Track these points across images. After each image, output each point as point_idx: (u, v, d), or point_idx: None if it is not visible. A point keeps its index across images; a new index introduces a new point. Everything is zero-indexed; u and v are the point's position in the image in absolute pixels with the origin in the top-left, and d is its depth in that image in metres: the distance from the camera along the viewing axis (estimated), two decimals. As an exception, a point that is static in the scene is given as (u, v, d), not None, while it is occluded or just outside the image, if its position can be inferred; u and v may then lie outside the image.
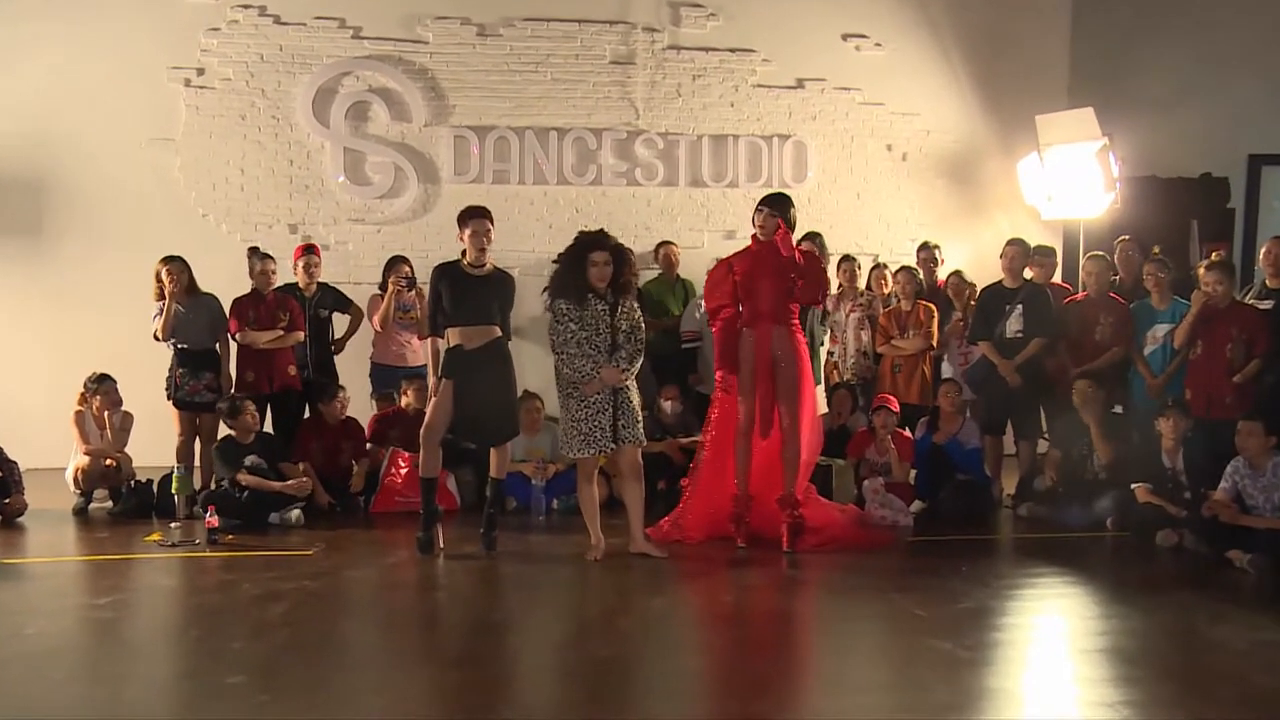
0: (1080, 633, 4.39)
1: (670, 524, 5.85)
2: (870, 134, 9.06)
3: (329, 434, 6.87)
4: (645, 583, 5.13)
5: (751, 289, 5.57)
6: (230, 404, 6.54)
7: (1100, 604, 4.78)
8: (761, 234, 5.59)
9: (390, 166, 8.60)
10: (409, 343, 7.28)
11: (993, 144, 9.12)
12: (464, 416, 5.39)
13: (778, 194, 5.77)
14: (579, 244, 5.37)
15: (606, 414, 5.33)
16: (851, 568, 5.33)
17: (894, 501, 6.39)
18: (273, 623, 4.35)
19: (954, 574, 5.12)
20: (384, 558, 5.62)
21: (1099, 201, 8.19)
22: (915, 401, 7.21)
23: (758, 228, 5.59)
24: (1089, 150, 8.09)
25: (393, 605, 4.87)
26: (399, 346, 7.28)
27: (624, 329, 5.37)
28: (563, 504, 6.80)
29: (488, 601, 4.89)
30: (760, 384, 5.59)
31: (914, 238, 8.64)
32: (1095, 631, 4.35)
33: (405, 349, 7.28)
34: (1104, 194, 8.13)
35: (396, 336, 7.27)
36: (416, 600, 4.95)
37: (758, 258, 5.62)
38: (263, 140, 8.47)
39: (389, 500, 6.72)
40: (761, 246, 5.62)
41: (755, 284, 5.56)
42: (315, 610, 4.59)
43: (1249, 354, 6.08)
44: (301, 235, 8.38)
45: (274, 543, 5.83)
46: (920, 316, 7.30)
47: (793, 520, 5.54)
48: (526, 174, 8.69)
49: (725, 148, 8.89)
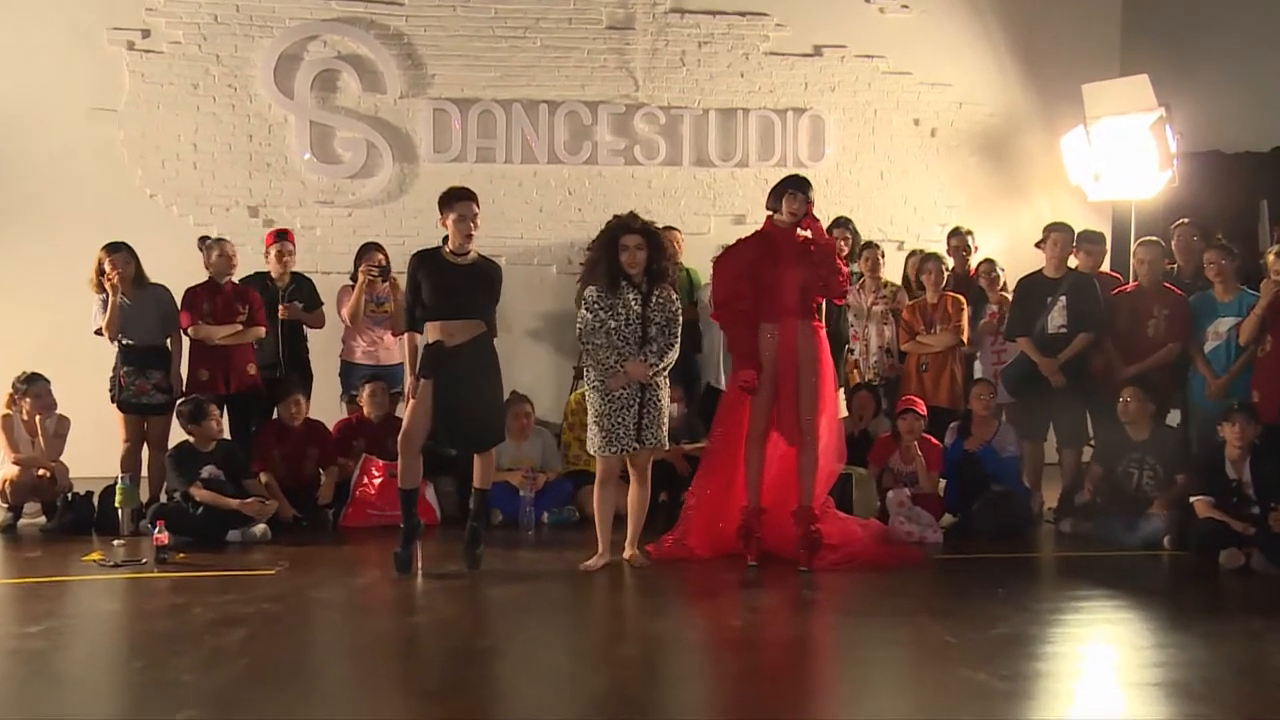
0: (1133, 664, 4.35)
1: (673, 540, 5.85)
2: (895, 107, 9.05)
3: (292, 440, 6.85)
4: (646, 605, 5.13)
5: (771, 279, 5.56)
6: (193, 406, 6.46)
7: (1156, 631, 4.74)
8: (789, 219, 5.59)
9: (362, 143, 8.58)
10: (381, 339, 7.27)
11: (1033, 117, 9.10)
12: (445, 420, 5.37)
13: (804, 178, 5.76)
14: (610, 227, 5.55)
15: (632, 411, 5.44)
16: (873, 589, 5.32)
17: (921, 515, 6.38)
18: (229, 651, 4.31)
19: (989, 596, 5.11)
20: (355, 577, 5.61)
21: (1154, 180, 8.16)
22: (944, 404, 7.20)
23: (788, 212, 5.58)
24: (1143, 123, 8.06)
25: (365, 631, 4.84)
26: (370, 343, 7.27)
27: (657, 320, 5.49)
28: (554, 517, 6.81)
29: (471, 626, 4.87)
30: (784, 385, 5.59)
31: (944, 222, 8.64)
32: (1150, 663, 4.30)
33: (378, 346, 7.27)
34: (1159, 172, 8.10)
35: (368, 332, 7.25)
36: (392, 625, 4.92)
37: (775, 244, 5.61)
38: (218, 112, 8.45)
39: (361, 513, 6.71)
40: (780, 232, 5.61)
41: (776, 274, 5.56)
42: (277, 637, 4.56)
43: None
44: (263, 219, 8.37)
45: (231, 561, 5.81)
46: (949, 309, 7.28)
47: (809, 536, 5.54)
48: (514, 152, 8.68)
49: (734, 123, 8.88)
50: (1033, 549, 6.37)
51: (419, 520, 5.60)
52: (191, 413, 6.43)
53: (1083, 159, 8.51)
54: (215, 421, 6.48)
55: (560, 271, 8.72)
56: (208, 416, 6.43)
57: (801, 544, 5.53)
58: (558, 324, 8.48)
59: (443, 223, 5.46)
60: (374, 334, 7.28)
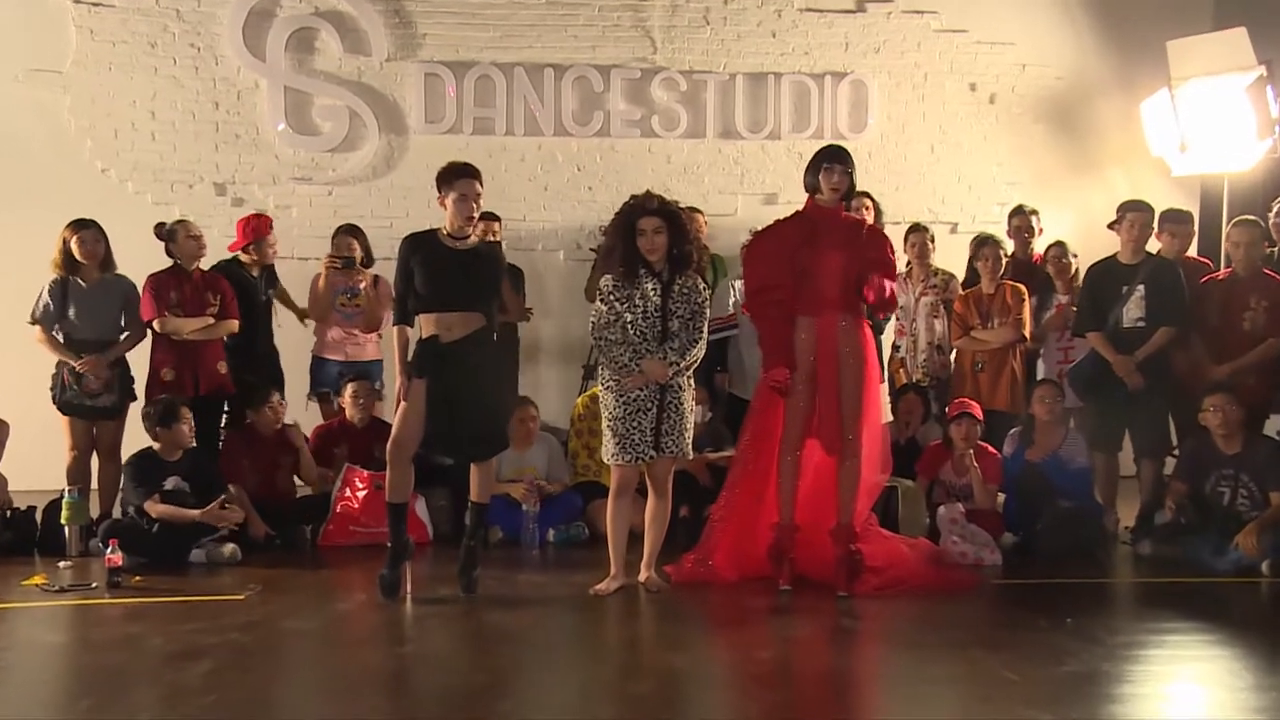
0: (1228, 706, 4.29)
1: (695, 560, 5.85)
2: (949, 70, 9.03)
3: (263, 448, 6.86)
4: (664, 634, 5.12)
5: (810, 267, 5.56)
6: (164, 407, 6.42)
7: (1253, 671, 4.67)
8: (830, 197, 5.58)
9: (343, 112, 8.59)
10: (353, 333, 7.30)
11: (1108, 79, 9.07)
12: (439, 425, 5.37)
13: (846, 149, 5.75)
14: (625, 210, 5.58)
15: (649, 415, 5.47)
16: (923, 618, 5.29)
17: (977, 534, 6.36)
18: (192, 688, 4.29)
19: (1055, 628, 5.07)
20: (336, 603, 5.60)
21: (1250, 151, 8.11)
22: (1003, 408, 7.19)
23: (828, 189, 5.57)
24: (1238, 83, 8.00)
25: (346, 664, 4.83)
26: (341, 338, 7.30)
27: (680, 314, 5.52)
28: (560, 535, 6.82)
29: (467, 659, 4.85)
30: (823, 388, 5.58)
31: (1003, 201, 8.64)
32: (1250, 708, 4.23)
33: (348, 341, 7.31)
34: (1257, 141, 8.05)
35: (339, 326, 7.29)
36: (377, 658, 4.91)
37: (816, 227, 5.60)
38: (179, 76, 8.47)
39: (343, 531, 6.72)
40: (822, 213, 5.61)
41: (815, 260, 5.55)
42: (247, 672, 4.55)
43: None
44: (231, 197, 8.40)
45: (194, 585, 5.81)
46: (1008, 300, 7.27)
47: (848, 557, 5.53)
48: (515, 123, 8.69)
49: (764, 89, 8.88)
50: (1106, 574, 6.34)
51: (408, 539, 5.59)
52: (162, 415, 6.39)
53: (1166, 127, 8.48)
54: (188, 426, 6.47)
55: (568, 258, 8.72)
56: (180, 420, 6.40)
57: (840, 566, 5.52)
58: (565, 316, 8.49)
59: (441, 202, 5.47)
60: (348, 327, 7.30)
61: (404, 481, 5.45)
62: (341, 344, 7.32)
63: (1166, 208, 7.20)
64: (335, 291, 7.25)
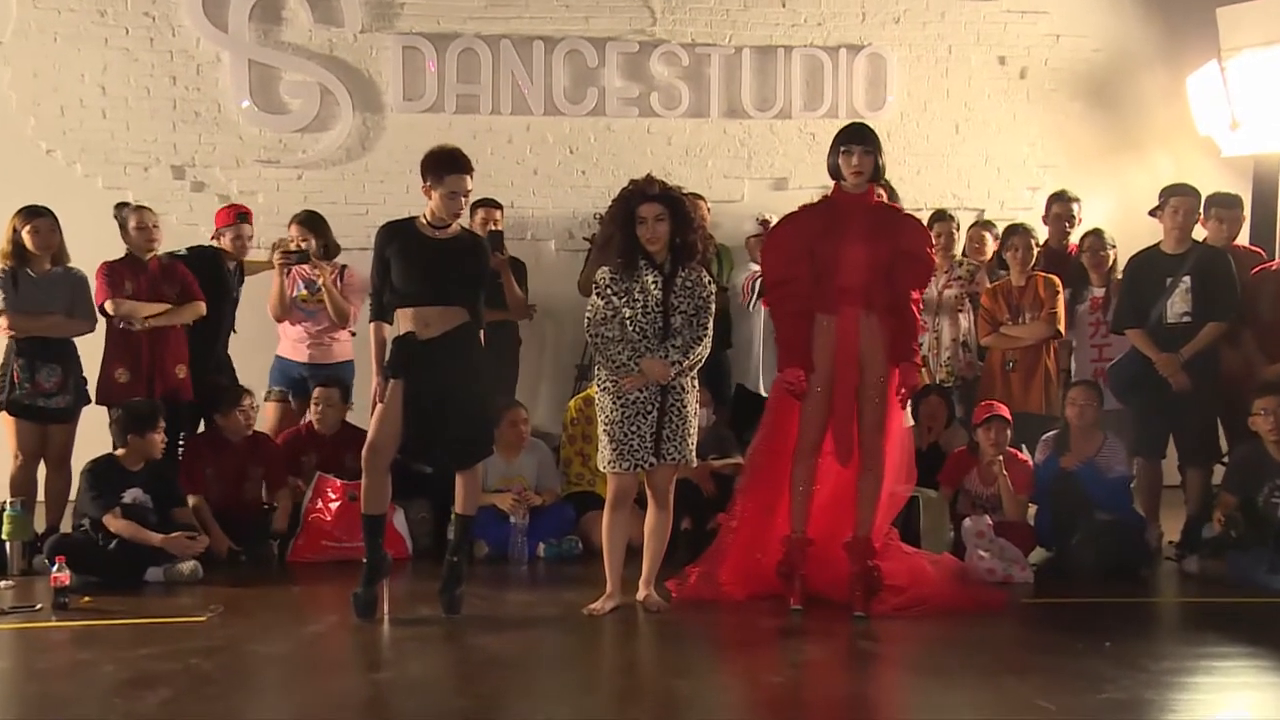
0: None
1: (700, 576, 5.86)
2: (976, 41, 9.03)
3: (230, 456, 6.85)
4: (665, 657, 5.13)
5: (829, 258, 5.55)
6: (140, 411, 6.39)
7: (1315, 700, 4.71)
8: (853, 181, 5.58)
9: (314, 88, 8.57)
10: (318, 333, 7.28)
11: (1151, 51, 9.07)
12: (419, 430, 5.38)
13: (867, 126, 5.75)
14: (624, 196, 5.59)
15: (649, 419, 5.48)
16: (947, 640, 5.29)
17: (1006, 549, 6.36)
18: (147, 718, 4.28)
19: (1093, 652, 5.07)
20: (306, 624, 5.61)
21: (1309, 129, 8.14)
22: (1036, 410, 7.19)
23: (849, 173, 5.57)
24: (1296, 54, 8.03)
25: (318, 692, 4.81)
26: (302, 337, 7.28)
27: (683, 309, 5.54)
28: (551, 550, 6.83)
29: (449, 685, 4.84)
30: (840, 392, 5.57)
31: (1034, 185, 8.66)
32: (1305, 739, 4.27)
33: (311, 342, 7.28)
34: (1316, 118, 8.09)
35: (302, 325, 7.27)
36: (351, 684, 4.90)
37: (839, 214, 5.60)
38: (132, 47, 8.44)
39: (314, 545, 6.72)
40: (847, 199, 5.61)
41: (835, 251, 5.55)
42: (209, 701, 4.53)
43: None
44: (190, 181, 8.39)
45: (151, 606, 5.78)
46: (1040, 293, 7.26)
47: (865, 573, 5.52)
48: (502, 100, 8.68)
49: (774, 64, 8.87)
50: (1148, 592, 6.35)
51: (386, 554, 5.61)
52: (137, 420, 6.37)
53: (1215, 103, 8.51)
54: (160, 435, 6.45)
55: (560, 249, 8.71)
56: (155, 428, 6.39)
57: (856, 583, 5.51)
58: (557, 311, 8.46)
59: (426, 191, 5.48)
60: (312, 326, 7.27)
61: (380, 491, 5.45)
62: (303, 344, 7.28)
63: (1214, 191, 7.20)
64: (295, 286, 7.21)
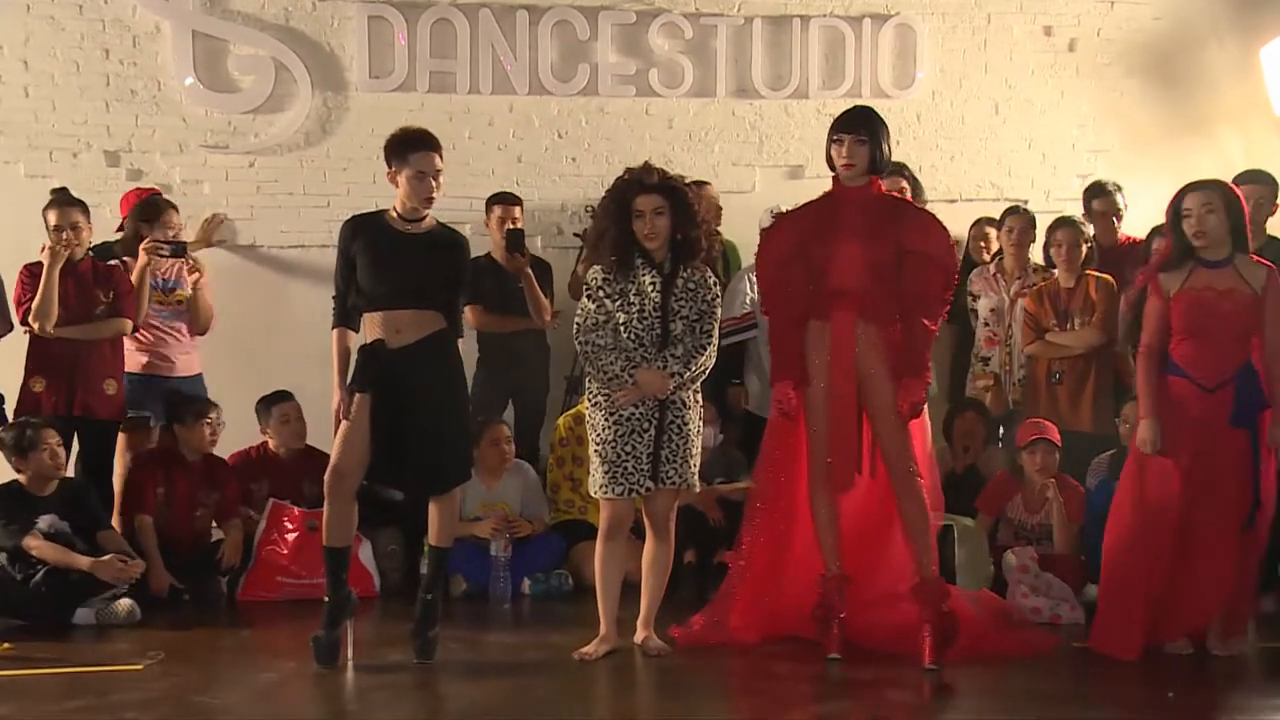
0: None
1: (707, 621, 5.86)
2: (1018, 9, 9.01)
3: (184, 477, 6.88)
4: (668, 710, 5.11)
5: (822, 259, 5.58)
6: (18, 432, 6.45)
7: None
8: (841, 172, 5.60)
9: (267, 64, 8.55)
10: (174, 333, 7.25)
11: (1219, 20, 9.03)
12: (388, 451, 5.38)
13: (864, 110, 5.75)
14: (618, 186, 5.61)
15: (645, 438, 5.49)
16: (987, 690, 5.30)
17: (1054, 584, 6.39)
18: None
19: (1154, 703, 5.08)
20: (258, 672, 5.58)
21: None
22: (1087, 429, 7.20)
23: (840, 165, 5.59)
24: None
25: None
26: (156, 342, 7.24)
27: (684, 314, 5.56)
28: (538, 586, 6.85)
29: (422, 742, 4.83)
30: (835, 406, 5.57)
31: (1085, 173, 8.63)
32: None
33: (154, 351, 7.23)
34: None
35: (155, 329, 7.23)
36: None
37: (836, 210, 5.62)
38: (59, 16, 8.41)
39: (268, 581, 6.74)
40: (845, 193, 5.64)
41: (831, 250, 5.57)
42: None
43: None
44: (126, 169, 8.36)
45: (82, 652, 5.77)
46: (1091, 296, 7.29)
47: (940, 620, 5.45)
48: (481, 78, 8.66)
49: (788, 36, 8.86)
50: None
51: (350, 592, 5.58)
52: (16, 440, 6.41)
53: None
54: (51, 452, 6.45)
55: (547, 245, 8.68)
56: (38, 446, 6.40)
57: (932, 631, 5.43)
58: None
59: (391, 178, 5.49)
60: (161, 332, 7.24)
61: (344, 521, 5.44)
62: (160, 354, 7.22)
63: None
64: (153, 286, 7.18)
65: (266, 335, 8.06)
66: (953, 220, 7.43)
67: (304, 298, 7.93)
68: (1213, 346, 5.60)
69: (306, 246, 7.49)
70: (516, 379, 7.78)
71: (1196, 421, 5.56)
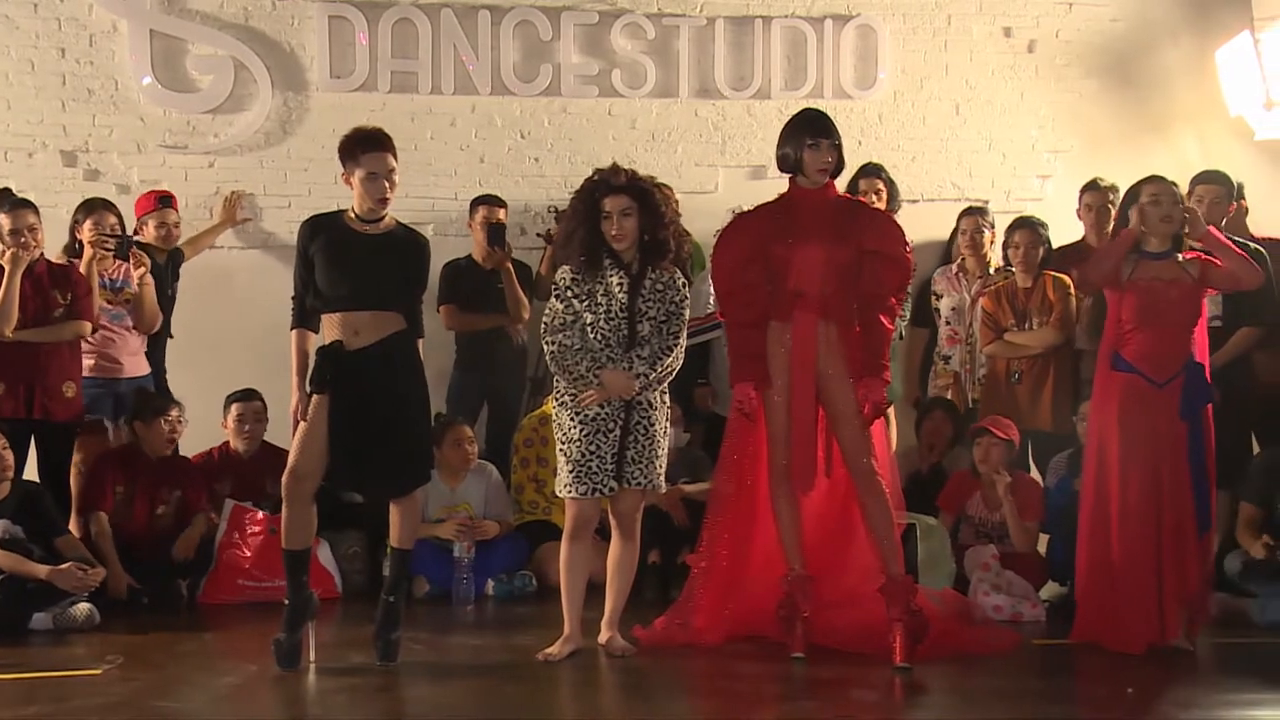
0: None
1: (671, 620, 5.87)
2: (979, 10, 9.02)
3: (145, 476, 6.85)
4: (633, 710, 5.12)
5: (782, 261, 5.60)
6: None
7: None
8: (814, 176, 5.62)
9: (227, 63, 8.50)
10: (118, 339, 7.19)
11: (1176, 21, 9.07)
12: (347, 453, 5.35)
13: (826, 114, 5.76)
14: (587, 186, 5.65)
15: (610, 438, 5.50)
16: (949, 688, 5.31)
17: (1014, 582, 6.40)
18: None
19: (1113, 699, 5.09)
20: (219, 676, 5.56)
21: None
22: (1046, 428, 7.23)
23: (815, 170, 5.61)
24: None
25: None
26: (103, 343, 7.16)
27: (651, 315, 5.60)
28: (501, 587, 6.84)
29: (384, 745, 4.81)
30: (798, 406, 5.59)
31: (1045, 173, 8.67)
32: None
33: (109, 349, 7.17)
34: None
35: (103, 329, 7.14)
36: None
37: (796, 212, 5.64)
38: (13, 14, 8.34)
39: (229, 584, 6.72)
40: (803, 195, 5.67)
41: (789, 252, 5.60)
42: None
43: None
44: (83, 169, 8.30)
45: (37, 658, 5.74)
46: (1049, 295, 7.31)
47: (910, 619, 5.46)
48: (443, 78, 8.63)
49: (751, 36, 8.86)
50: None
51: (311, 594, 5.55)
52: None
53: (1248, 79, 8.54)
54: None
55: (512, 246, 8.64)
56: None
57: (903, 630, 5.43)
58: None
59: (346, 179, 5.48)
60: (110, 332, 7.17)
61: (304, 523, 5.41)
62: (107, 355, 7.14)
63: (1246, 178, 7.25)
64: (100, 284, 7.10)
65: (228, 336, 8.00)
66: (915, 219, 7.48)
67: (266, 299, 7.86)
68: (1162, 338, 5.68)
69: (268, 247, 7.43)
70: (493, 381, 7.79)
71: (1147, 418, 5.63)
